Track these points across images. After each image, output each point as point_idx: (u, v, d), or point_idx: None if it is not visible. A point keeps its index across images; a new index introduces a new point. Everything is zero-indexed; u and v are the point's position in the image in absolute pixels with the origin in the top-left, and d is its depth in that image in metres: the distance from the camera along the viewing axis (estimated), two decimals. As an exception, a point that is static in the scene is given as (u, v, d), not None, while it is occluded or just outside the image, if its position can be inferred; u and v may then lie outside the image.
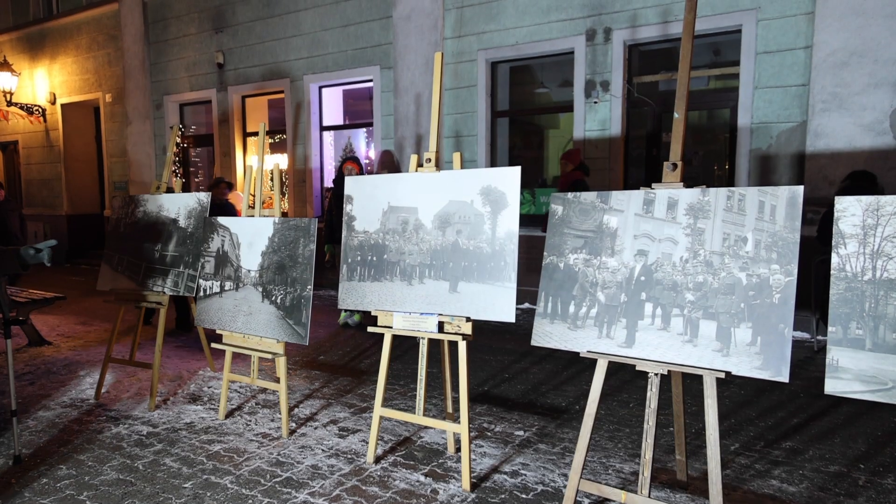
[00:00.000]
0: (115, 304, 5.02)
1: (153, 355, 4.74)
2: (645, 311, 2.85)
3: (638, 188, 3.01)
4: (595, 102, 7.98)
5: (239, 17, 11.14)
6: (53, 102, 14.45)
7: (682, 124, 2.93)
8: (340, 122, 11.13)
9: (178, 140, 12.29)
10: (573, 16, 8.02)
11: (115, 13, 12.82)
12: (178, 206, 4.85)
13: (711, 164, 8.28)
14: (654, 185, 2.96)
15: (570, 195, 3.20)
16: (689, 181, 2.93)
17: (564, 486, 3.38)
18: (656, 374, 2.78)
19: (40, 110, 14.57)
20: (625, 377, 5.25)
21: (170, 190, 5.11)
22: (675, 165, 2.92)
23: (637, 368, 2.82)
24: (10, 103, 14.14)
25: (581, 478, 2.93)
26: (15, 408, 3.74)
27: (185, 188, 12.39)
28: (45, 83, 14.61)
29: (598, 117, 8.00)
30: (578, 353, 2.98)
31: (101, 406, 4.79)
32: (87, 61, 13.75)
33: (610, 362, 2.91)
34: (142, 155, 12.74)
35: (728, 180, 7.57)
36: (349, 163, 7.55)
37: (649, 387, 2.79)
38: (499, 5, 8.54)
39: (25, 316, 6.57)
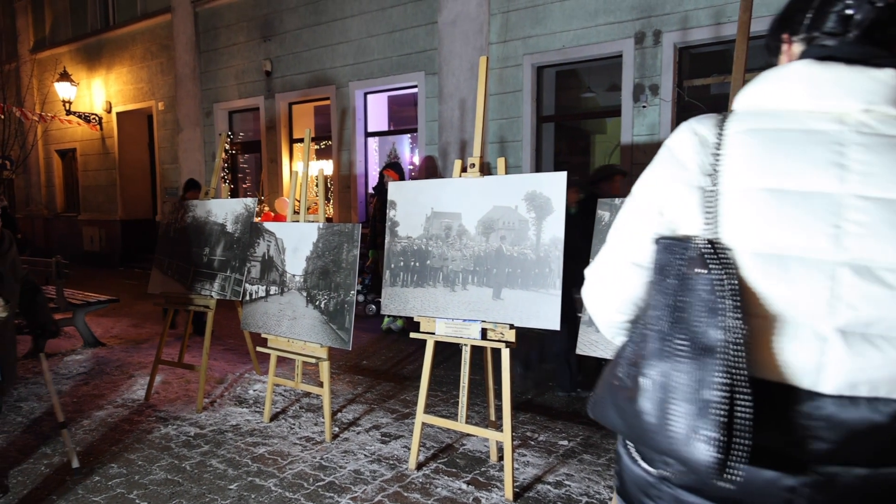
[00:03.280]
0: (165, 308, 5.14)
1: (201, 358, 4.82)
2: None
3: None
4: (644, 107, 7.83)
5: (286, 25, 11.33)
6: (109, 111, 14.93)
7: (735, 128, 2.82)
8: (385, 128, 11.20)
9: (227, 147, 12.56)
10: (621, 18, 7.89)
11: (168, 23, 13.19)
12: (226, 211, 4.94)
13: (764, 169, 8.03)
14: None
15: (617, 201, 3.12)
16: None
17: (609, 499, 3.30)
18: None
19: (97, 119, 15.09)
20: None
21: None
22: (728, 170, 2.82)
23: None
24: (69, 112, 14.69)
25: (628, 491, 2.85)
26: (63, 419, 3.84)
27: (234, 194, 12.66)
28: (101, 92, 15.11)
29: (646, 122, 7.85)
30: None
31: (151, 406, 4.89)
32: (142, 70, 14.18)
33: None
34: (192, 161, 13.06)
35: (782, 186, 7.31)
36: (388, 171, 7.58)
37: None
38: (545, 9, 8.46)
39: (80, 313, 6.78)
